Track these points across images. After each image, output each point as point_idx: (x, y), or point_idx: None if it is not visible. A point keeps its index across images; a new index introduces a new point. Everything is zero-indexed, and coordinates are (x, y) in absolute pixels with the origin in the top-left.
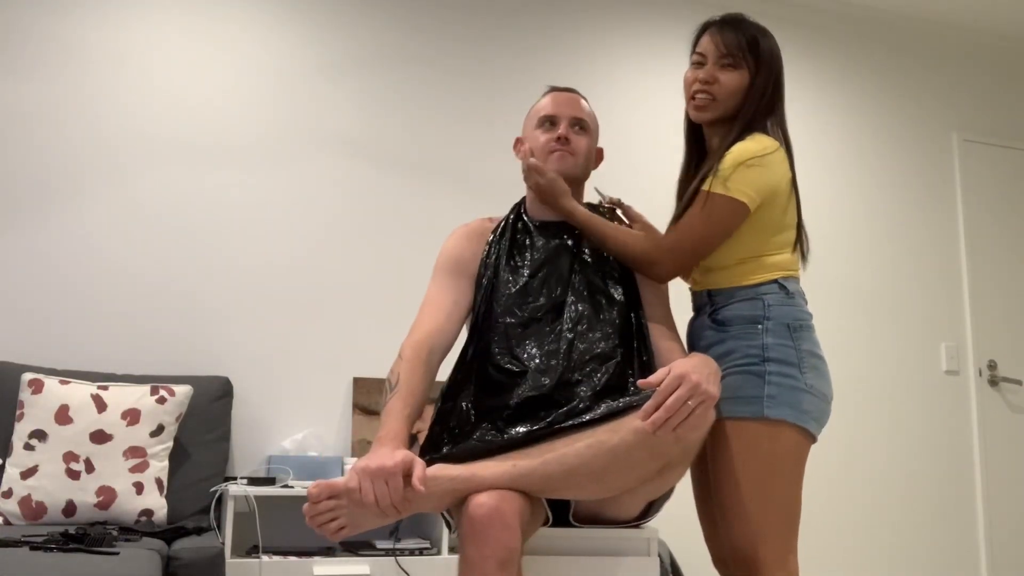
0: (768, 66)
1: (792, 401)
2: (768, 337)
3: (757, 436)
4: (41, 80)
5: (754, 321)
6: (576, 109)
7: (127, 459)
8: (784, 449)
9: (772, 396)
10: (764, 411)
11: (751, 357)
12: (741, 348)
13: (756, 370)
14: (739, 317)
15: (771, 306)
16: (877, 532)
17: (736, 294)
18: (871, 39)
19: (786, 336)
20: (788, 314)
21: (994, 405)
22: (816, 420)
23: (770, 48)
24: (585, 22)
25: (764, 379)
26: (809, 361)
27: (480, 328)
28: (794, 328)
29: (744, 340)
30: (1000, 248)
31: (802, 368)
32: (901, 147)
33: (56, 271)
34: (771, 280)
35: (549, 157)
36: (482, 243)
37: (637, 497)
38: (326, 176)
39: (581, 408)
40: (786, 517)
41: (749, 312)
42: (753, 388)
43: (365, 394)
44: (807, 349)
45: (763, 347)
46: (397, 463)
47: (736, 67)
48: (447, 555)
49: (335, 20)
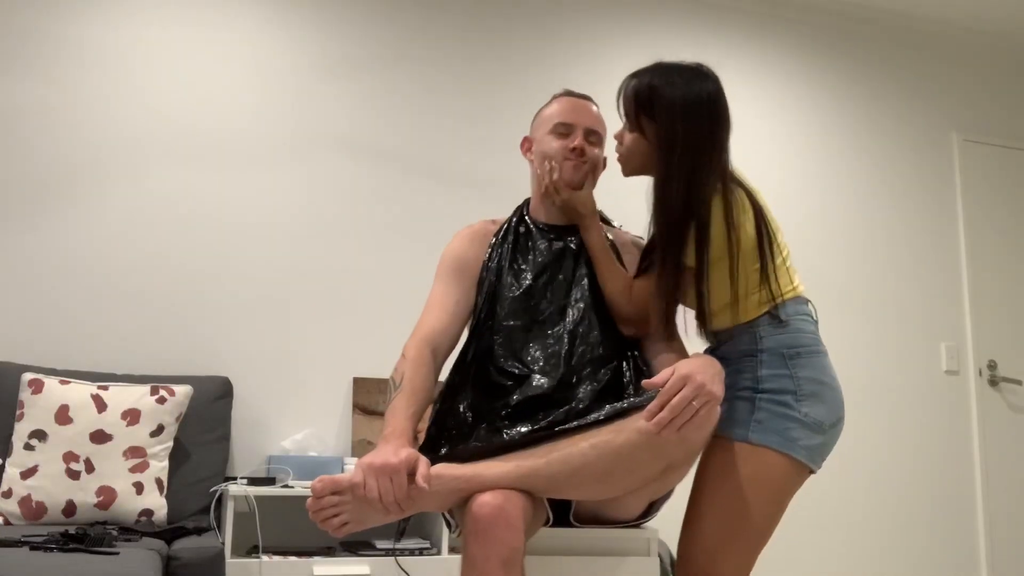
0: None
1: (780, 428)
2: (763, 369)
3: (739, 458)
4: (40, 80)
5: (750, 355)
6: (591, 119)
7: (127, 459)
8: (764, 476)
9: (759, 421)
10: (749, 435)
11: (746, 389)
12: (739, 380)
13: (748, 396)
14: (736, 352)
15: (763, 338)
16: (877, 532)
17: (735, 331)
18: (871, 39)
19: (781, 365)
20: (782, 343)
21: (994, 405)
22: (808, 449)
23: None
24: (584, 22)
25: (755, 404)
26: (808, 388)
27: (481, 330)
28: (790, 356)
29: (742, 373)
30: (1000, 248)
31: (798, 396)
32: (901, 147)
33: (56, 271)
34: (762, 314)
35: (564, 164)
36: (485, 245)
37: (638, 497)
38: (327, 176)
39: (580, 408)
40: (750, 543)
41: (746, 347)
42: (743, 412)
43: (365, 394)
44: (806, 376)
45: (757, 379)
46: (402, 460)
47: (630, 131)
48: (447, 555)
49: (336, 21)
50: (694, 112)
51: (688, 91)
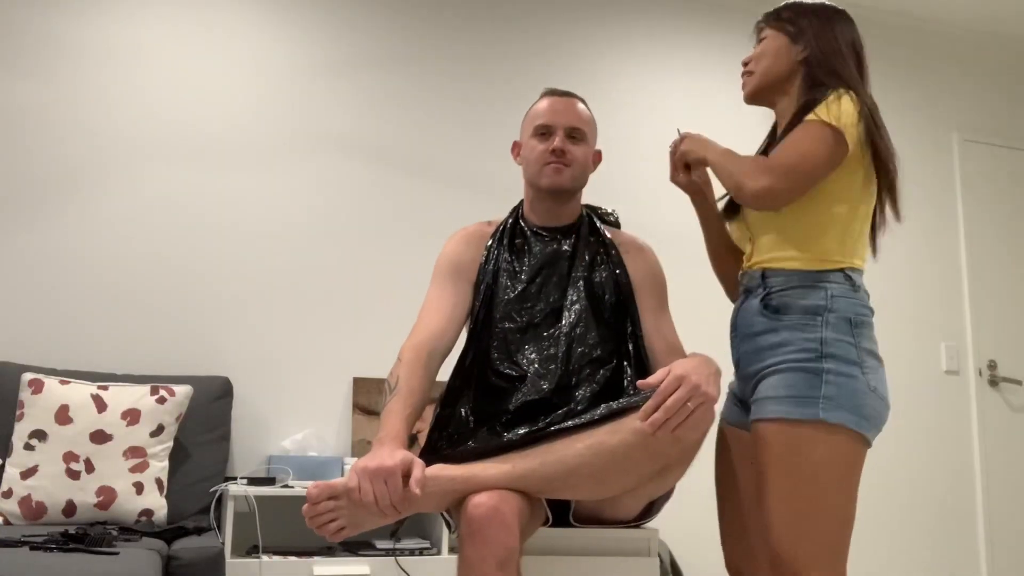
0: (814, 32)
1: (852, 404)
2: (828, 331)
3: (811, 440)
4: (40, 80)
5: (815, 312)
6: (572, 117)
7: (127, 459)
8: (839, 456)
9: (830, 397)
10: (820, 414)
11: (808, 352)
12: (796, 341)
13: (812, 367)
14: (797, 306)
15: (835, 297)
16: (877, 532)
17: (795, 278)
18: (871, 39)
19: (847, 331)
20: (851, 308)
21: (994, 405)
22: (876, 426)
23: (815, 14)
24: (584, 23)
25: (822, 377)
26: (869, 361)
27: (479, 334)
28: (856, 324)
29: (800, 332)
30: (1000, 248)
31: (864, 368)
32: (901, 147)
33: (56, 271)
34: (838, 268)
35: (543, 169)
36: (481, 247)
37: (637, 498)
38: (327, 176)
39: (580, 411)
40: (837, 528)
41: (810, 301)
42: (809, 387)
43: (365, 394)
44: (867, 348)
45: (822, 341)
46: (396, 463)
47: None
48: (447, 555)
49: (336, 21)
50: (833, 19)
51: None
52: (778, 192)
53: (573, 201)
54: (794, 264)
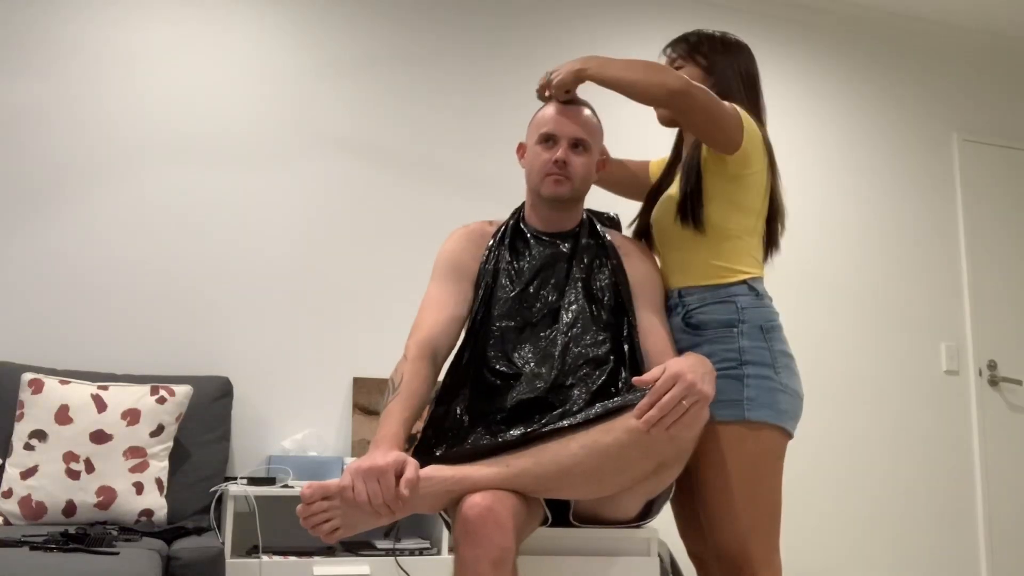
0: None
1: (770, 402)
2: (744, 340)
3: (740, 438)
4: (40, 80)
5: (729, 325)
6: (577, 128)
7: (127, 459)
8: (765, 449)
9: (751, 398)
10: (745, 414)
11: (729, 361)
12: (718, 352)
13: (734, 373)
14: (714, 321)
15: (744, 308)
16: (877, 532)
17: (708, 295)
18: (871, 39)
19: (760, 338)
20: (761, 316)
21: (994, 405)
22: (793, 418)
23: (720, 45)
24: (584, 23)
25: (743, 382)
26: (782, 361)
27: (477, 333)
28: (767, 330)
29: (720, 344)
30: (1000, 248)
31: (776, 368)
32: (901, 147)
33: (56, 271)
34: (740, 281)
35: (545, 180)
36: (481, 246)
37: (635, 497)
38: (326, 176)
39: (575, 411)
40: (770, 515)
41: (724, 316)
42: (733, 391)
43: (365, 394)
44: (779, 349)
45: (740, 350)
46: (389, 462)
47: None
48: (447, 555)
49: (337, 21)
50: (738, 53)
51: (727, 42)
52: (693, 95)
53: (575, 208)
54: (702, 280)
